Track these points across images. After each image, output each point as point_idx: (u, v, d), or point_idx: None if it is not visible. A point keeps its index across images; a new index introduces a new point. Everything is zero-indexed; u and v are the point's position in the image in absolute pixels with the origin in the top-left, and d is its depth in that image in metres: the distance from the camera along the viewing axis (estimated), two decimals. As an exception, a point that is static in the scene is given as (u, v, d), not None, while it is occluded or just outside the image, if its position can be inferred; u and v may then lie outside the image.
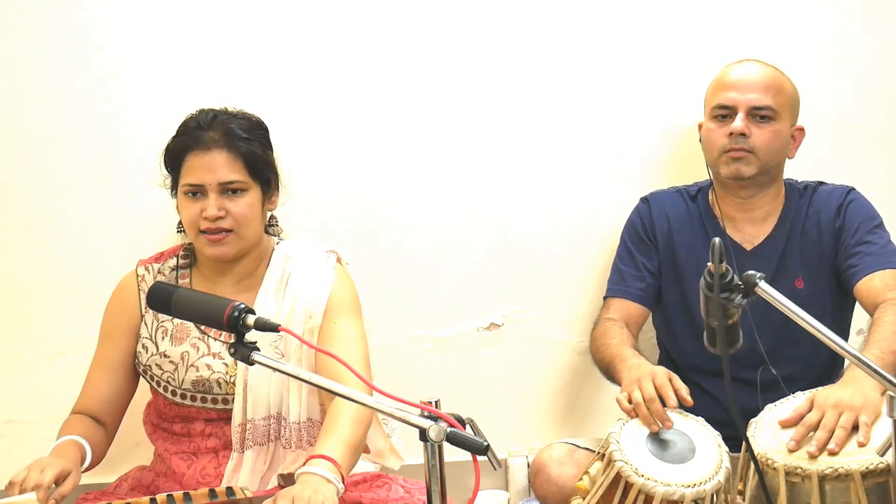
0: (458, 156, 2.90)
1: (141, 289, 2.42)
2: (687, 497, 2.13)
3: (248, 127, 2.36)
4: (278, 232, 2.52)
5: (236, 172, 2.31)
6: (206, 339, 2.37)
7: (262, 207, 2.38)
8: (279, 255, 2.44)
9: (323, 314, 2.37)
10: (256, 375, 2.32)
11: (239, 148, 2.31)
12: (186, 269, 2.44)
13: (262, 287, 2.39)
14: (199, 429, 2.37)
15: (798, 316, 1.87)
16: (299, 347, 2.35)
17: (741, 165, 2.57)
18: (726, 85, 2.60)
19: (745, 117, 2.56)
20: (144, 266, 2.45)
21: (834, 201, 2.63)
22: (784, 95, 2.60)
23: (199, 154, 2.30)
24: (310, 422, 2.37)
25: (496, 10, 2.88)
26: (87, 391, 2.42)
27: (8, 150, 2.75)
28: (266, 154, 2.39)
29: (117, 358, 2.41)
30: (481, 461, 1.77)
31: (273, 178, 2.41)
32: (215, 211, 2.28)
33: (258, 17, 2.79)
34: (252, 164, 2.33)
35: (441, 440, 1.74)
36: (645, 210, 2.75)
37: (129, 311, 2.42)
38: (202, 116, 2.35)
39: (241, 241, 2.33)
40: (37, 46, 2.73)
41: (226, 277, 2.40)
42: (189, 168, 2.31)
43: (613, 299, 2.71)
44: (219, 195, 2.29)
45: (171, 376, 2.36)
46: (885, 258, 2.52)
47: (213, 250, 2.32)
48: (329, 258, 2.45)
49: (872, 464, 2.08)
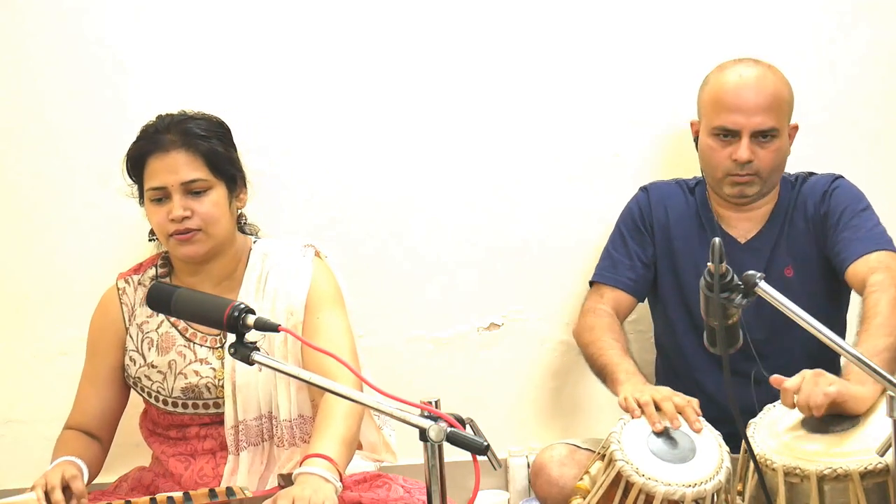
0: (458, 156, 2.90)
1: (123, 302, 2.43)
2: (688, 497, 2.13)
3: (207, 126, 2.37)
4: (255, 230, 2.52)
5: (197, 170, 2.31)
6: (191, 346, 2.37)
7: (230, 206, 2.38)
8: (257, 254, 2.43)
9: (304, 309, 2.36)
10: (244, 376, 2.32)
11: (198, 146, 2.32)
12: (166, 277, 2.44)
13: (243, 287, 2.39)
14: (194, 432, 2.37)
15: (797, 315, 1.87)
16: (283, 345, 2.35)
17: (745, 188, 2.57)
18: (728, 106, 2.54)
19: (749, 142, 2.52)
20: (124, 279, 2.46)
21: (819, 189, 2.62)
22: (784, 107, 2.58)
23: (159, 157, 2.31)
24: (301, 418, 2.37)
25: (496, 11, 2.87)
26: (79, 407, 2.43)
27: (8, 151, 2.75)
28: (227, 151, 2.39)
29: (105, 372, 2.42)
30: (481, 461, 1.77)
31: (238, 176, 2.41)
32: (181, 211, 2.29)
33: (259, 17, 2.79)
34: (213, 162, 2.33)
35: (441, 440, 1.74)
36: (644, 199, 2.74)
37: (113, 325, 2.43)
38: (160, 121, 2.37)
39: (210, 239, 2.33)
40: (37, 47, 2.73)
41: (205, 281, 2.39)
42: (151, 172, 2.32)
43: (603, 286, 2.70)
44: (183, 196, 2.30)
45: (160, 386, 2.36)
46: (871, 241, 2.49)
47: (184, 250, 2.32)
48: (307, 252, 2.45)
49: (871, 464, 2.08)
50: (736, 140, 2.54)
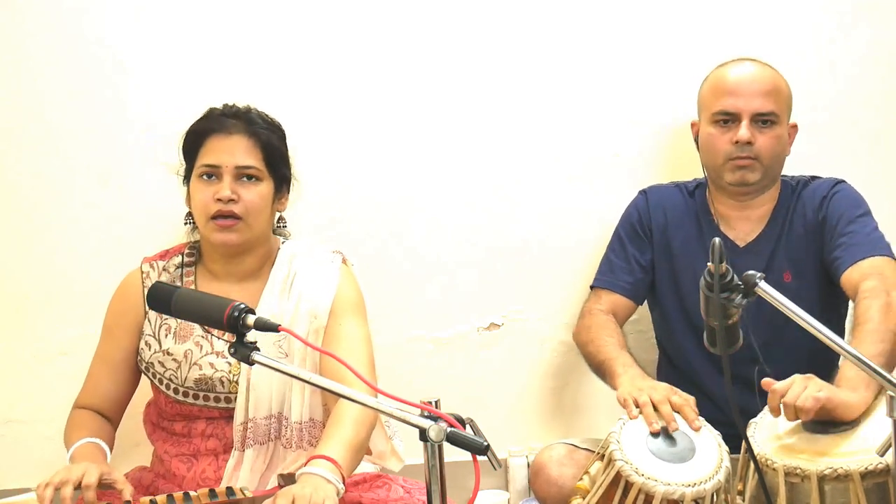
0: (458, 156, 2.90)
1: (145, 286, 2.41)
2: (687, 496, 2.13)
3: (270, 122, 2.43)
4: (286, 234, 2.53)
5: (253, 158, 2.35)
6: (209, 338, 2.37)
7: (273, 203, 2.41)
8: (284, 255, 2.44)
9: (328, 315, 2.37)
10: (259, 374, 2.32)
11: (260, 136, 2.37)
12: (191, 266, 2.44)
13: (267, 286, 2.39)
14: (200, 428, 2.36)
15: (797, 315, 1.87)
16: (303, 347, 2.35)
17: (746, 173, 2.57)
18: (727, 90, 2.59)
19: (749, 124, 2.55)
20: (149, 263, 2.45)
21: (819, 194, 2.62)
22: (783, 97, 2.61)
23: (220, 137, 2.35)
24: (311, 422, 2.37)
25: (497, 12, 2.88)
26: (90, 387, 2.43)
27: (8, 151, 2.75)
28: (284, 150, 2.43)
29: (119, 355, 2.42)
30: (481, 461, 1.77)
31: (287, 177, 2.44)
32: (229, 192, 2.31)
33: (264, 16, 2.79)
34: (270, 155, 2.37)
35: (441, 440, 1.74)
36: (642, 203, 2.75)
37: (132, 308, 2.42)
38: (227, 107, 2.42)
39: (248, 230, 2.34)
40: (37, 47, 2.73)
41: (231, 274, 2.40)
42: (208, 150, 2.36)
43: (601, 290, 2.71)
44: (234, 179, 2.33)
45: (173, 374, 2.36)
46: (867, 246, 2.49)
47: (221, 236, 2.33)
48: (335, 258, 2.46)
49: (872, 464, 2.08)
50: (736, 125, 2.56)
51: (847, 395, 2.19)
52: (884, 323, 2.30)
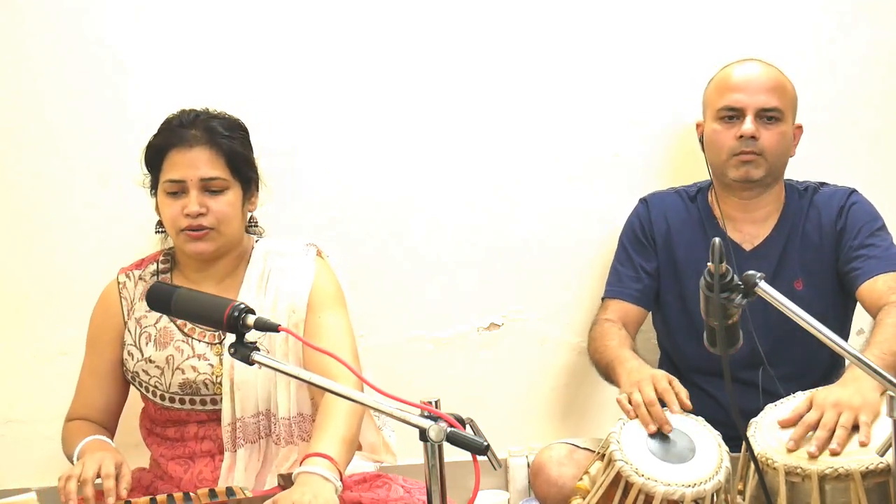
0: (458, 156, 2.90)
1: (122, 296, 2.43)
2: (687, 497, 2.13)
3: (230, 126, 2.39)
4: (259, 232, 2.52)
5: (218, 169, 2.32)
6: (189, 342, 2.37)
7: (243, 207, 2.39)
8: (258, 253, 2.44)
9: (306, 308, 2.36)
10: (242, 374, 2.32)
11: (221, 145, 2.34)
12: (167, 273, 2.44)
13: (244, 285, 2.39)
14: (192, 432, 2.37)
15: (797, 315, 1.87)
16: (284, 343, 2.35)
17: (751, 168, 2.57)
18: (732, 86, 2.59)
19: (753, 119, 2.55)
20: (125, 273, 2.46)
21: (835, 203, 2.62)
22: (788, 95, 2.61)
23: (181, 151, 2.32)
24: (300, 416, 2.37)
25: (497, 11, 2.88)
26: (81, 399, 2.44)
27: (8, 151, 2.75)
28: (247, 153, 2.41)
29: (105, 367, 2.43)
30: (481, 461, 1.77)
31: (254, 178, 2.42)
32: (197, 207, 2.29)
33: (259, 17, 2.79)
34: (233, 162, 2.35)
35: (441, 440, 1.74)
36: (643, 211, 2.75)
37: (111, 319, 2.43)
38: (184, 115, 2.38)
39: (221, 237, 2.34)
40: (37, 47, 2.73)
41: (207, 278, 2.40)
42: (170, 164, 2.33)
43: (611, 300, 2.71)
44: (200, 192, 2.31)
45: (158, 381, 2.36)
46: (887, 261, 2.51)
47: (193, 247, 2.33)
48: (309, 251, 2.45)
49: (872, 464, 2.08)
50: (741, 121, 2.57)
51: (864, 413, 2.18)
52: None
